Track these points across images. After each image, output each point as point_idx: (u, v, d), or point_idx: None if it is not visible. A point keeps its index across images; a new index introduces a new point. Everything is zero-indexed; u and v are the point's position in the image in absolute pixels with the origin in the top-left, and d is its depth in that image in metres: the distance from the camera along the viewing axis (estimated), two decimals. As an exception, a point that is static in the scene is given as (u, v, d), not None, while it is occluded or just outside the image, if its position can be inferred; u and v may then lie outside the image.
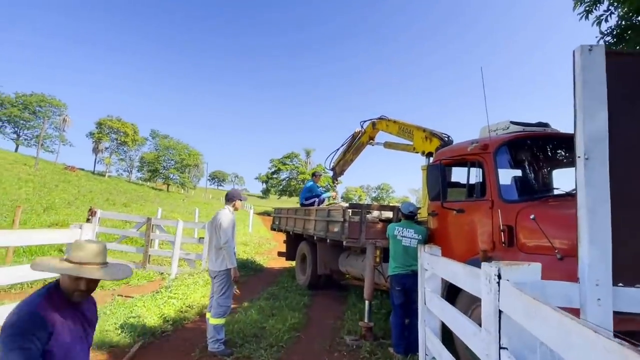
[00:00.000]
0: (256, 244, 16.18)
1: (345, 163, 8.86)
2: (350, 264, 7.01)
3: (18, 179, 30.91)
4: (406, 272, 4.48)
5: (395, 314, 4.54)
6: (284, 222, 9.88)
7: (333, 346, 4.72)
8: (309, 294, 7.50)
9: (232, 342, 4.60)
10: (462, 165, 4.63)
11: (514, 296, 1.74)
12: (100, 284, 7.14)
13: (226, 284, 4.46)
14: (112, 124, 61.91)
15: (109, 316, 5.09)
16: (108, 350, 4.17)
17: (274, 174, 68.82)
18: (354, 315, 5.84)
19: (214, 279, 4.52)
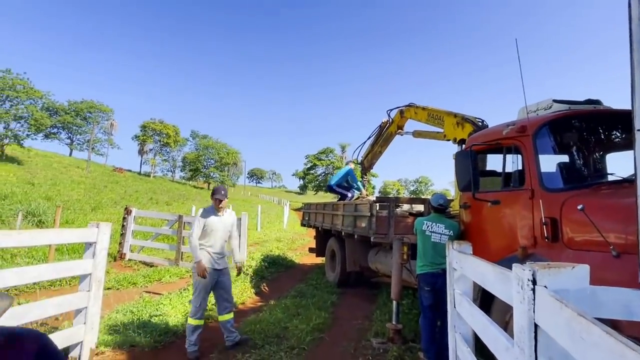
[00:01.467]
0: (289, 240, 16.11)
1: (374, 156, 8.46)
2: (380, 260, 6.64)
3: (71, 181, 33.00)
4: (436, 270, 4.08)
5: (424, 316, 4.17)
6: (313, 218, 9.66)
7: (358, 349, 4.42)
8: (338, 292, 7.23)
9: (252, 343, 4.43)
10: (496, 152, 4.14)
11: (553, 308, 1.37)
12: (132, 280, 7.31)
13: (194, 280, 4.30)
14: (154, 127, 64.70)
15: (134, 314, 5.10)
16: (128, 350, 4.14)
17: (310, 169, 69.08)
18: (383, 316, 5.50)
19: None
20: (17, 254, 8.67)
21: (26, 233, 3.35)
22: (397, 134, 7.51)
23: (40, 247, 9.21)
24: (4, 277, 3.15)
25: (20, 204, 17.28)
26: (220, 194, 4.41)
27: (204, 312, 4.31)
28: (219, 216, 4.42)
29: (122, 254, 9.68)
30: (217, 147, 66.05)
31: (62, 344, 3.61)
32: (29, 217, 14.99)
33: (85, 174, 39.66)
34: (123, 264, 9.31)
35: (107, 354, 3.95)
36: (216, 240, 4.39)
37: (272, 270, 9.21)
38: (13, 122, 34.73)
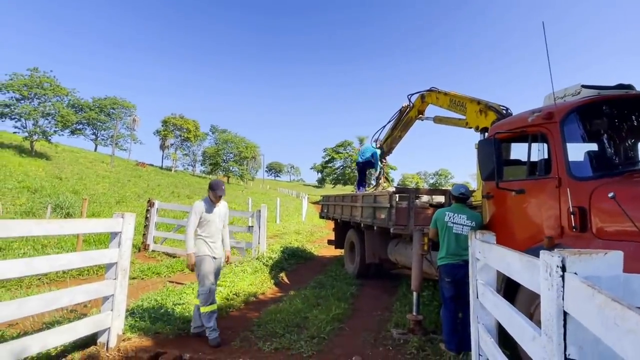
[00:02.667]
0: (308, 232, 16.19)
1: (394, 140, 8.35)
2: (400, 252, 6.59)
3: (97, 175, 34.04)
4: (457, 262, 4.02)
5: (446, 307, 4.12)
6: (331, 210, 9.66)
7: (378, 340, 4.41)
8: (357, 284, 7.22)
9: (272, 332, 4.48)
10: (521, 140, 4.02)
11: (585, 295, 1.32)
12: (155, 270, 7.50)
13: (197, 270, 4.39)
14: (175, 121, 65.81)
15: (158, 303, 5.23)
16: (153, 336, 4.25)
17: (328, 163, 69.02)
18: (403, 307, 5.47)
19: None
20: (47, 245, 9.02)
21: (55, 222, 3.47)
22: (417, 119, 7.38)
23: (69, 238, 9.56)
24: (36, 265, 3.28)
25: (49, 197, 17.95)
26: (222, 191, 4.57)
27: (214, 296, 4.41)
28: (214, 208, 4.53)
29: (146, 245, 9.93)
30: (236, 141, 66.74)
31: (91, 330, 3.74)
32: (58, 210, 15.55)
33: (110, 169, 40.80)
34: (147, 255, 9.56)
35: (134, 340, 4.07)
36: (213, 231, 4.50)
37: (292, 262, 9.27)
38: (41, 119, 35.94)
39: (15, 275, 3.22)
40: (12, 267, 3.10)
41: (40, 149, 36.59)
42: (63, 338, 3.50)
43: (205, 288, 4.31)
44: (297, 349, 4.00)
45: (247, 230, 9.66)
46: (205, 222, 4.44)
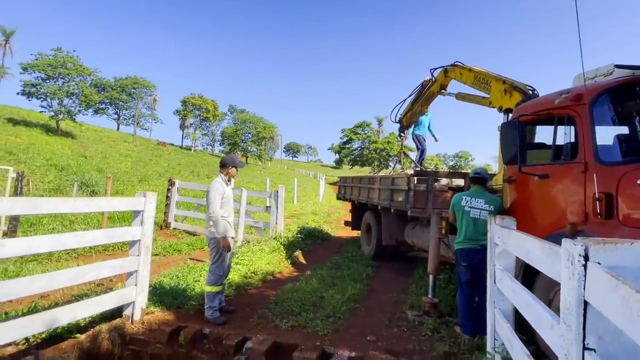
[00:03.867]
0: (325, 213, 16.28)
1: (413, 115, 8.19)
2: (417, 235, 6.57)
3: (119, 154, 34.91)
4: (474, 247, 3.97)
5: (462, 291, 4.11)
6: (348, 191, 9.66)
7: (393, 321, 4.46)
8: (373, 265, 7.27)
9: (289, 310, 4.59)
10: (547, 123, 3.88)
11: (608, 285, 1.29)
12: (177, 248, 7.72)
13: (217, 253, 4.33)
14: (194, 101, 66.35)
15: (179, 279, 5.41)
16: (175, 311, 4.42)
17: (346, 143, 68.53)
18: (419, 290, 5.49)
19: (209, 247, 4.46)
20: (74, 221, 9.39)
21: (81, 200, 3.60)
22: (439, 94, 7.19)
23: (94, 215, 9.91)
24: (64, 240, 3.42)
25: (75, 175, 18.56)
26: (240, 163, 4.63)
27: (224, 279, 4.44)
28: (229, 186, 4.54)
29: (167, 223, 10.22)
30: (254, 121, 66.89)
31: (117, 303, 3.92)
32: (83, 188, 16.09)
33: (132, 148, 41.71)
34: (168, 232, 9.85)
35: (157, 314, 4.25)
36: (230, 209, 4.51)
37: (308, 242, 9.38)
38: (66, 99, 36.82)
39: (45, 250, 3.38)
40: (43, 243, 3.25)
41: (65, 128, 37.63)
42: (91, 310, 3.68)
43: (221, 269, 4.35)
44: (312, 327, 4.09)
45: (264, 210, 9.80)
46: (225, 201, 4.42)
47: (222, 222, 4.30)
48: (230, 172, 4.58)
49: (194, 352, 3.70)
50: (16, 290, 3.05)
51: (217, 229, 4.26)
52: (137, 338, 3.88)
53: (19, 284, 3.08)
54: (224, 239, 4.27)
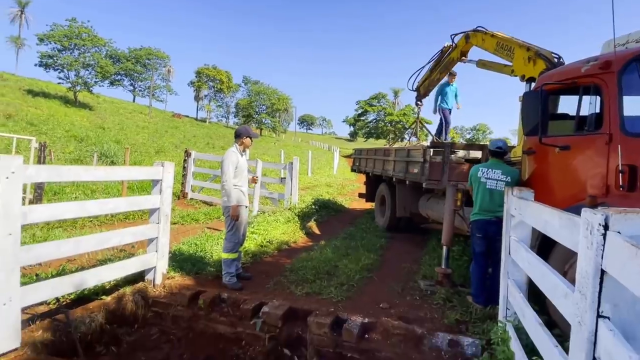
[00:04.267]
0: (339, 185, 16.33)
1: (432, 83, 7.97)
2: (431, 207, 6.56)
3: (136, 126, 35.32)
4: (490, 218, 3.95)
5: (476, 262, 4.13)
6: (363, 164, 9.62)
7: (406, 290, 4.54)
8: (387, 236, 7.33)
9: (304, 277, 4.71)
10: (571, 93, 3.74)
11: (627, 254, 1.28)
12: (194, 217, 7.90)
13: (231, 221, 4.43)
14: (208, 72, 65.98)
15: (197, 247, 5.58)
16: (194, 276, 4.59)
17: (360, 116, 67.71)
18: (432, 261, 5.54)
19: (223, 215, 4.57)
20: (95, 190, 9.68)
21: (102, 169, 3.70)
22: (459, 61, 6.96)
23: (114, 186, 10.18)
24: (88, 207, 3.55)
25: (95, 146, 18.93)
26: (254, 134, 4.68)
27: (239, 246, 4.57)
28: (243, 156, 4.58)
29: (185, 194, 10.44)
30: (269, 92, 66.40)
31: (139, 268, 4.09)
32: (103, 158, 16.44)
33: (148, 120, 42.11)
34: (186, 202, 10.07)
35: (177, 279, 4.42)
36: (244, 179, 4.59)
37: (323, 214, 9.48)
38: (82, 70, 37.08)
39: (71, 216, 3.52)
40: (68, 209, 3.38)
41: (83, 100, 38.10)
42: (115, 273, 3.85)
43: (236, 237, 4.46)
44: (327, 294, 4.20)
45: (279, 182, 9.89)
46: (239, 171, 4.49)
47: (235, 191, 4.40)
48: (245, 142, 4.61)
49: (213, 315, 3.86)
50: (45, 254, 3.21)
51: (229, 198, 4.36)
52: (159, 301, 4.06)
53: (48, 248, 3.24)
54: (234, 207, 4.36)
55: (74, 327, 3.36)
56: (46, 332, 3.26)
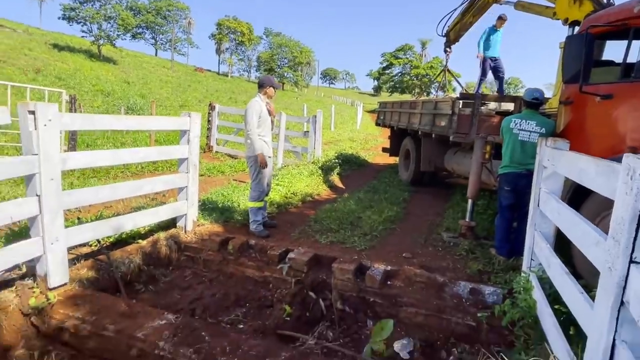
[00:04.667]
0: (362, 140, 16.19)
1: (463, 27, 7.45)
2: (457, 161, 6.45)
3: (160, 80, 35.43)
4: (520, 171, 3.85)
5: (501, 215, 4.09)
6: (388, 117, 9.43)
7: (428, 241, 4.60)
8: (410, 190, 7.33)
9: (328, 227, 4.82)
10: (620, 37, 3.45)
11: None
12: (220, 169, 8.08)
13: (255, 170, 4.48)
14: (229, 24, 64.30)
15: (224, 197, 5.76)
16: (223, 224, 4.78)
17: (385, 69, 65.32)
18: (455, 214, 5.53)
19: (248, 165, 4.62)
20: (125, 143, 9.97)
21: (132, 118, 3.79)
22: (494, 3, 6.48)
23: (142, 139, 10.45)
24: (121, 155, 3.68)
25: (121, 100, 19.25)
26: (276, 84, 4.67)
27: (264, 195, 4.67)
28: (266, 105, 4.55)
29: (210, 147, 10.61)
30: (291, 45, 64.54)
31: (171, 215, 4.28)
32: (129, 112, 16.75)
33: (171, 74, 42.08)
34: (211, 156, 10.27)
35: (206, 226, 4.62)
36: (267, 129, 4.58)
37: (345, 168, 9.49)
38: (104, 23, 36.88)
39: (105, 164, 3.66)
40: (103, 157, 3.51)
41: (107, 54, 38.21)
42: (149, 219, 4.05)
43: (260, 186, 4.55)
44: (350, 243, 4.31)
45: (302, 136, 9.87)
46: (262, 121, 4.49)
47: (259, 141, 4.42)
48: (268, 92, 4.57)
49: (242, 260, 4.05)
50: (84, 199, 3.40)
51: (253, 146, 4.40)
52: (191, 246, 4.29)
53: (87, 194, 3.42)
54: (260, 155, 4.40)
55: (114, 267, 3.62)
56: (90, 270, 3.53)
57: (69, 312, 2.93)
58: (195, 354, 2.47)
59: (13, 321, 2.89)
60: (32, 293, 3.01)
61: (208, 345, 2.55)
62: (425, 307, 3.27)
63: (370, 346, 2.70)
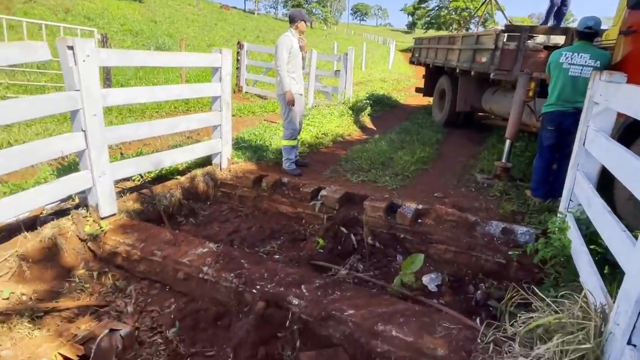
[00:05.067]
0: (394, 80, 15.56)
1: None
2: (496, 101, 6.13)
3: (186, 19, 34.56)
4: (567, 109, 3.61)
5: (541, 156, 3.93)
6: (423, 54, 8.93)
7: (461, 182, 4.55)
8: (444, 132, 7.12)
9: (359, 167, 4.84)
10: None
11: None
12: (250, 110, 8.09)
13: (286, 108, 4.44)
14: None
15: (257, 136, 5.82)
16: (256, 162, 4.89)
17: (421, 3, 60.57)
18: (490, 156, 5.37)
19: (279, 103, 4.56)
20: (156, 83, 10.06)
21: (165, 54, 3.79)
22: None
23: (173, 79, 10.48)
24: (156, 92, 3.73)
25: (149, 39, 19.11)
26: (308, 18, 4.47)
27: (297, 133, 4.66)
28: (298, 42, 4.38)
29: (240, 87, 10.55)
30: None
31: (208, 152, 4.41)
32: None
33: (197, 12, 40.85)
34: (241, 96, 10.24)
35: (240, 164, 4.74)
36: (298, 66, 4.45)
37: (377, 109, 9.26)
38: (127, -43, 35.54)
39: (142, 101, 3.75)
40: (140, 94, 3.58)
41: (132, -9, 37.28)
42: (186, 156, 4.20)
43: (293, 125, 4.53)
44: (382, 183, 4.33)
45: (333, 75, 9.58)
46: (292, 57, 4.36)
47: (287, 77, 4.34)
48: (300, 27, 4.40)
49: (275, 197, 4.18)
50: (125, 135, 3.53)
51: (282, 83, 4.34)
52: (226, 182, 4.45)
53: (127, 130, 3.55)
54: (288, 93, 4.34)
55: (157, 200, 3.84)
56: (136, 203, 3.77)
57: (120, 239, 3.19)
58: (236, 278, 2.67)
59: (72, 245, 3.18)
60: (86, 221, 3.28)
61: (247, 271, 2.74)
62: (455, 244, 3.33)
63: (400, 278, 2.82)
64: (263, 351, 2.31)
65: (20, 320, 2.50)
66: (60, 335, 2.45)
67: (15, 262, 2.86)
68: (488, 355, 1.96)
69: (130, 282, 3.04)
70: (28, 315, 2.54)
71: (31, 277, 2.88)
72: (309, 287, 2.55)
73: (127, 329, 2.41)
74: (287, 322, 2.41)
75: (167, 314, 2.71)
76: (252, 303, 2.56)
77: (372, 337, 2.21)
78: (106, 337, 2.32)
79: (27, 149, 2.80)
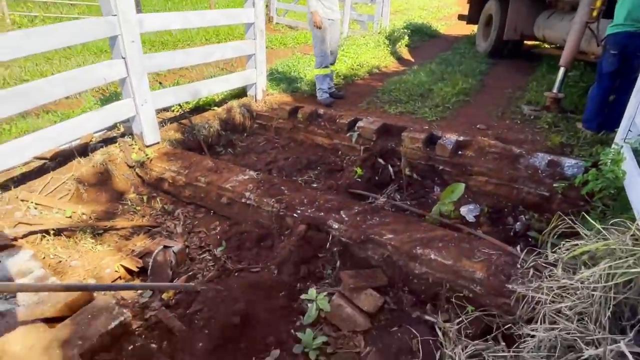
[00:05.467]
0: (435, 8, 14.36)
1: None
2: (551, 26, 5.55)
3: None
4: (635, 29, 3.23)
5: (599, 85, 3.60)
6: (470, -26, 8.06)
7: (506, 114, 4.30)
8: (488, 62, 6.62)
9: (397, 98, 4.67)
10: None
11: None
12: (282, 42, 7.82)
13: (315, 33, 4.25)
14: None
15: (291, 67, 5.67)
16: (291, 94, 4.82)
17: None
18: (539, 87, 4.99)
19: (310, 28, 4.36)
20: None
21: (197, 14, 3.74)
22: None
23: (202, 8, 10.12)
24: (189, 18, 3.65)
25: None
26: None
27: (328, 61, 4.47)
28: None
29: (270, 17, 10.10)
30: None
31: (243, 83, 4.37)
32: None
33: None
34: (272, 27, 9.84)
35: (275, 96, 4.69)
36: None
37: (415, 39, 8.67)
38: None
39: (176, 27, 3.71)
40: (174, 20, 3.53)
41: None
42: (222, 86, 4.18)
43: (320, 51, 4.36)
44: (421, 114, 4.18)
45: (369, 2, 8.94)
46: None
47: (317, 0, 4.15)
48: None
49: (311, 128, 4.15)
50: (163, 63, 3.53)
51: (309, 3, 4.16)
52: (262, 114, 4.44)
53: (164, 58, 3.54)
54: (314, 14, 4.15)
55: (197, 130, 3.92)
56: (177, 132, 3.87)
57: (165, 165, 3.32)
58: (277, 203, 2.76)
59: (122, 171, 3.36)
60: (132, 149, 3.42)
61: (288, 197, 2.82)
62: (496, 176, 3.24)
63: (439, 207, 2.82)
64: (305, 269, 2.44)
65: (84, 236, 2.74)
66: (120, 250, 2.68)
67: (73, 185, 3.07)
68: (528, 279, 1.98)
69: (177, 206, 3.22)
70: (90, 232, 2.78)
71: (88, 199, 3.10)
72: (348, 213, 2.60)
73: (178, 246, 2.60)
74: (327, 244, 2.50)
75: (214, 235, 2.89)
76: (293, 226, 2.67)
77: (411, 259, 2.28)
78: (161, 252, 2.53)
79: (70, 76, 2.86)
